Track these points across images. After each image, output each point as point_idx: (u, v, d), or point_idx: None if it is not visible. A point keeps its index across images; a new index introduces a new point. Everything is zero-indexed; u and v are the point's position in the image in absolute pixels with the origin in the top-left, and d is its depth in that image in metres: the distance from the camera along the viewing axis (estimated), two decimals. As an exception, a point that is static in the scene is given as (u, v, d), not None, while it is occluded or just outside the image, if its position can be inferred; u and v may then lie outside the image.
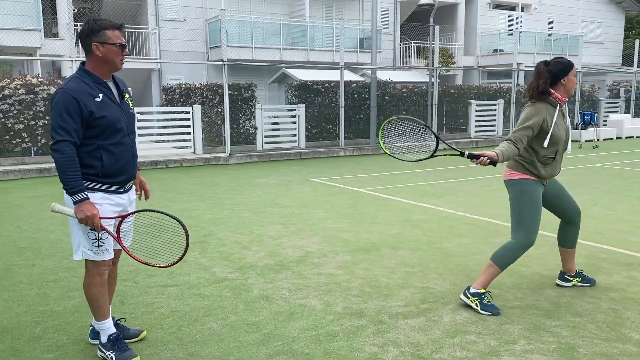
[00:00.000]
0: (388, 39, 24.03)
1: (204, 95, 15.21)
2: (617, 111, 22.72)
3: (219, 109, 14.41)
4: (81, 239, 2.91)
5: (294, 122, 14.88)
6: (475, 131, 18.17)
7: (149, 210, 3.07)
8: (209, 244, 5.45)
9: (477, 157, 3.56)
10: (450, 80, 24.20)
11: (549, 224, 6.05)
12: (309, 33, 20.97)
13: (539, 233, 3.81)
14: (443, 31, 25.87)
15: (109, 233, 2.91)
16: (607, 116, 20.87)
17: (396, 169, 11.28)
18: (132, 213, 3.05)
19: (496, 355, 3.08)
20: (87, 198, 2.78)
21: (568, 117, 3.83)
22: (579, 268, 4.32)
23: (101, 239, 2.91)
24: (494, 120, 18.58)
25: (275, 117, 14.91)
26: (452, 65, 20.90)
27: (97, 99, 2.81)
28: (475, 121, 18.20)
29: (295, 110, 14.86)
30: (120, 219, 2.97)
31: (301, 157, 13.94)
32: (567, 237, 4.10)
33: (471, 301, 3.73)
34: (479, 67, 24.80)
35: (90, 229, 2.87)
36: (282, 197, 8.13)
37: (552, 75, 3.61)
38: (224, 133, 14.12)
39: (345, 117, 15.32)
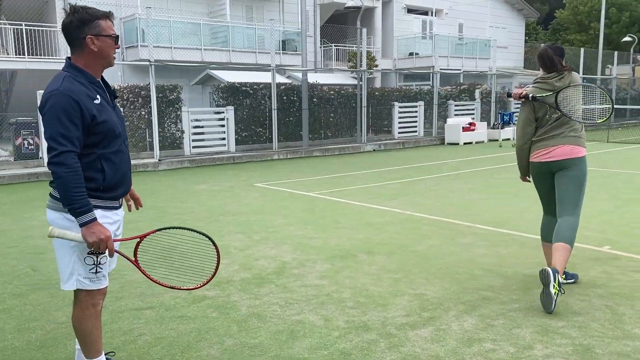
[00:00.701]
0: (309, 41, 24.01)
1: (124, 97, 14.31)
2: (515, 112, 24.18)
3: (142, 112, 13.61)
4: (76, 265, 2.48)
5: (223, 126, 14.38)
6: (399, 132, 18.56)
7: (172, 228, 2.67)
8: (171, 259, 5.01)
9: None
10: (370, 83, 24.61)
11: (511, 221, 6.19)
12: (230, 34, 20.46)
13: (505, 232, 3.84)
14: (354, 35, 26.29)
15: (126, 258, 2.55)
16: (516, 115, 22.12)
17: (337, 172, 11.18)
18: (154, 231, 2.64)
19: (520, 362, 3.00)
20: (96, 218, 2.37)
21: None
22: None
23: (100, 264, 2.51)
24: (416, 121, 19.08)
25: (197, 120, 14.27)
26: (375, 68, 21.22)
27: (96, 101, 2.43)
28: (399, 122, 18.60)
29: (223, 113, 14.37)
30: (139, 239, 2.58)
31: (234, 162, 13.49)
32: (552, 232, 4.02)
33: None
34: (397, 69, 25.43)
35: (89, 253, 2.45)
36: (230, 204, 7.74)
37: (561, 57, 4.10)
38: (149, 137, 13.36)
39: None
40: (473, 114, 20.37)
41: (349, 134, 17.81)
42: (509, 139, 18.40)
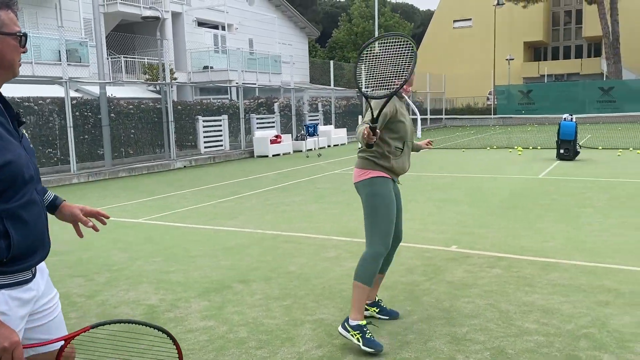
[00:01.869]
0: (94, 52, 21.97)
1: None
2: (317, 123, 25.60)
3: None
4: None
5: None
6: (205, 147, 18.06)
7: (113, 323, 1.78)
8: None
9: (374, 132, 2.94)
10: (164, 96, 23.50)
11: (359, 230, 6.32)
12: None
13: (362, 241, 3.74)
14: (152, 46, 25.04)
15: None
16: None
17: (156, 193, 10.29)
18: (86, 329, 1.74)
19: (455, 377, 2.98)
20: None
21: (412, 107, 3.94)
22: (378, 297, 3.92)
23: None
24: (221, 135, 18.78)
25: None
26: (174, 81, 20.31)
27: None
28: (204, 137, 18.09)
29: None
30: (64, 342, 1.77)
31: (24, 189, 11.51)
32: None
33: (352, 335, 3.30)
34: (192, 83, 24.77)
35: None
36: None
37: None
38: None
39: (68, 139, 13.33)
40: (274, 126, 20.85)
41: (151, 150, 16.72)
42: (310, 150, 19.30)
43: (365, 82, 3.39)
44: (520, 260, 5.10)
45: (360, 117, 21.25)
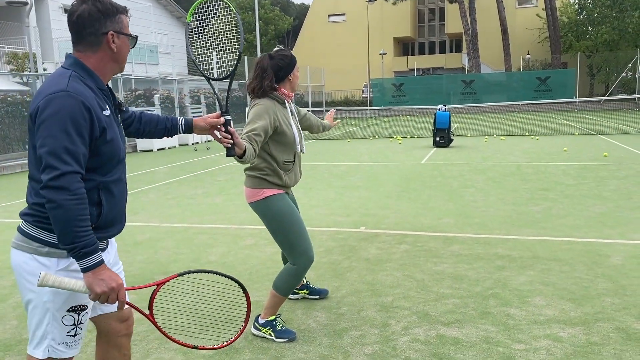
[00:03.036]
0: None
1: None
2: (200, 114, 25.13)
3: None
4: (50, 326, 1.90)
5: None
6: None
7: (195, 272, 2.15)
8: None
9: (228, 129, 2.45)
10: (33, 88, 21.65)
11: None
12: None
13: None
14: (15, 33, 22.95)
15: (139, 311, 2.02)
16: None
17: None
18: (174, 276, 2.06)
19: (393, 341, 3.30)
20: (103, 261, 1.85)
21: (296, 115, 3.51)
22: (306, 280, 4.06)
23: (80, 323, 1.94)
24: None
25: None
26: (45, 72, 18.79)
27: (106, 113, 1.92)
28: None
29: None
30: (156, 287, 2.06)
31: None
32: None
33: (264, 332, 3.38)
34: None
35: (71, 310, 1.89)
36: None
37: (278, 69, 3.20)
38: None
39: None
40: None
41: (22, 147, 15.41)
42: (197, 143, 18.97)
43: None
44: (423, 236, 5.60)
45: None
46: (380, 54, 43.86)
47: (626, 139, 14.64)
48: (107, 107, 1.95)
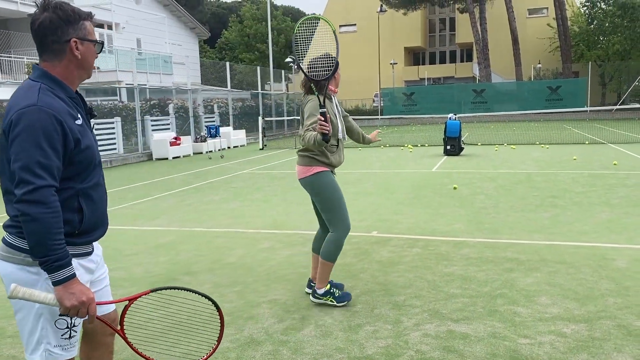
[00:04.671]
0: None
1: None
2: (213, 123, 25.47)
3: None
4: (45, 331, 1.93)
5: None
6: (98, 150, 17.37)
7: (167, 289, 2.16)
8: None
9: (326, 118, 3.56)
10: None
11: (287, 223, 6.71)
12: None
13: (291, 232, 4.28)
14: (32, 44, 23.50)
15: (110, 327, 2.08)
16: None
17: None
18: (146, 292, 2.09)
19: (405, 335, 3.49)
20: (75, 274, 1.87)
21: (339, 107, 4.08)
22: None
23: (74, 326, 1.98)
24: (114, 138, 18.17)
25: None
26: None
27: (78, 122, 1.96)
28: (97, 141, 17.37)
29: None
30: (128, 302, 2.09)
31: None
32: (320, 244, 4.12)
33: (325, 300, 4.00)
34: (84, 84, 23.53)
35: (63, 314, 1.89)
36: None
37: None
38: None
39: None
40: (169, 128, 20.52)
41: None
42: (211, 151, 19.29)
43: (308, 62, 3.78)
44: (434, 240, 5.80)
45: (260, 119, 21.54)
46: (391, 63, 44.15)
47: (637, 148, 14.72)
48: (79, 115, 1.98)
